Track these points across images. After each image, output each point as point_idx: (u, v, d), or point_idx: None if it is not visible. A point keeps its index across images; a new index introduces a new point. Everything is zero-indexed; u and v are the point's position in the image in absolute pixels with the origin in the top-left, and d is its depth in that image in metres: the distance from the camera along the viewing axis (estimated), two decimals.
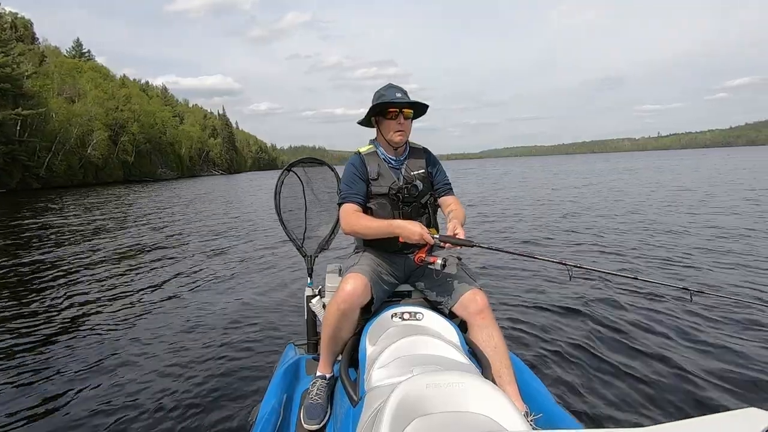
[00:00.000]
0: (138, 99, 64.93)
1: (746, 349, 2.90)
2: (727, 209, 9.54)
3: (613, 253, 5.94)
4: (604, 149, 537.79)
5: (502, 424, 0.97)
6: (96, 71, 62.69)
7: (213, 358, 3.11)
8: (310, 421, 1.61)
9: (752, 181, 16.56)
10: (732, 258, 5.34)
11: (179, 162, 74.42)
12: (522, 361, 1.82)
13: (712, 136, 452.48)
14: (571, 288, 4.22)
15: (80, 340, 3.61)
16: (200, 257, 6.95)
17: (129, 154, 56.30)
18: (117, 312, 4.32)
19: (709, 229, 7.30)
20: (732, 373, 2.62)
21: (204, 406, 2.51)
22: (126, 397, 2.65)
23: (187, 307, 4.40)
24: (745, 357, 2.79)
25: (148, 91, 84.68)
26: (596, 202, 12.44)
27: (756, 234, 6.75)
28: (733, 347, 2.93)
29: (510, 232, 8.26)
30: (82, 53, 70.37)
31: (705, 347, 2.96)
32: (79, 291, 5.16)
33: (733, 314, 3.45)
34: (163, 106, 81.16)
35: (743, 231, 7.01)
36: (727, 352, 2.88)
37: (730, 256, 5.45)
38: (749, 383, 2.52)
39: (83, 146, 47.59)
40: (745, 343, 2.98)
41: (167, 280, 5.52)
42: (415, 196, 1.84)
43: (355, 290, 1.61)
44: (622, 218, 9.10)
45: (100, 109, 51.56)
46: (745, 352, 2.86)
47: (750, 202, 10.54)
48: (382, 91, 1.85)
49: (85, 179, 46.65)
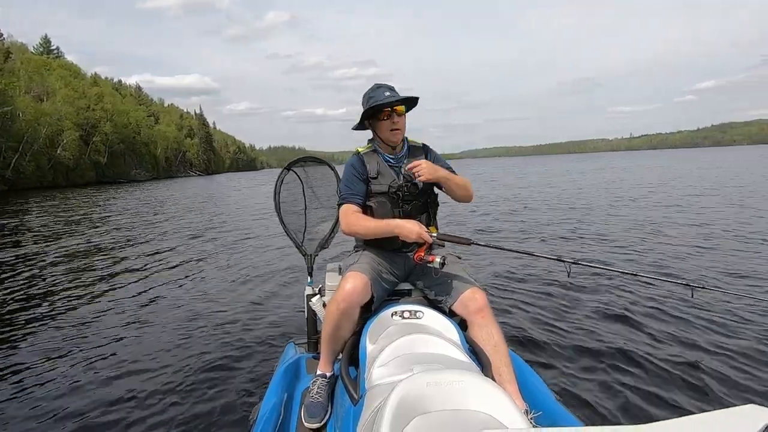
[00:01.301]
0: (111, 98, 63.03)
1: (747, 345, 2.90)
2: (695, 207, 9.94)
3: (605, 249, 6.09)
4: (580, 149, 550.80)
5: (503, 422, 0.98)
6: (66, 69, 60.57)
7: (213, 358, 3.10)
8: (311, 420, 1.61)
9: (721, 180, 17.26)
10: (717, 250, 5.57)
11: (154, 163, 72.56)
12: (522, 359, 1.84)
13: (681, 137, 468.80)
14: (569, 285, 4.24)
15: (79, 338, 3.59)
16: (199, 257, 6.88)
17: (101, 155, 54.61)
18: (116, 311, 4.29)
19: (702, 227, 7.54)
20: (733, 370, 2.62)
21: (204, 405, 2.50)
22: (126, 395, 2.63)
23: (186, 306, 4.36)
24: (746, 354, 2.79)
25: (121, 90, 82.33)
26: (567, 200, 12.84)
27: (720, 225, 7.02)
28: (734, 343, 2.93)
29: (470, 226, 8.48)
30: (51, 50, 67.93)
31: (706, 344, 2.95)
32: (78, 292, 5.07)
33: (735, 310, 3.46)
34: (137, 106, 79.00)
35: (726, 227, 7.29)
36: (728, 348, 2.87)
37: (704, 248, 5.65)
38: (750, 380, 2.52)
39: (53, 146, 45.90)
40: (746, 340, 2.98)
41: (167, 281, 5.46)
42: (415, 195, 1.84)
43: (355, 289, 1.61)
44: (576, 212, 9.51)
45: (71, 108, 49.81)
46: (746, 348, 2.86)
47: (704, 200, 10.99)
48: (370, 93, 1.84)
49: (55, 181, 44.99)
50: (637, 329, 3.26)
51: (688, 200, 11.39)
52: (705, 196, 12.05)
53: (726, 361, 2.73)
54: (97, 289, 5.20)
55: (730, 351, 2.85)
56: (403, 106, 1.85)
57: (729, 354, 2.81)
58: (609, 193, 14.69)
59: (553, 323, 3.44)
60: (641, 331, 3.21)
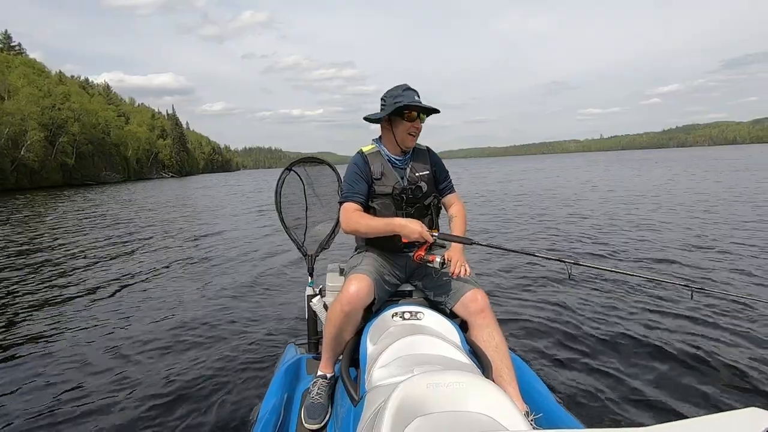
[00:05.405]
0: (78, 97, 60.78)
1: (748, 347, 2.89)
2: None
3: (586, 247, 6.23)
4: (552, 150, 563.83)
5: (503, 424, 0.98)
6: (29, 66, 58.03)
7: (213, 358, 3.07)
8: (311, 421, 1.60)
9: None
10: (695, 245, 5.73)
11: (125, 164, 70.37)
12: (523, 361, 1.85)
13: (648, 138, 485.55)
14: (570, 286, 4.25)
15: (78, 339, 3.58)
16: (198, 258, 6.79)
17: (69, 156, 52.56)
18: (115, 312, 4.26)
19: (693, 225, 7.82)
20: (734, 372, 2.60)
21: (204, 405, 2.48)
22: (125, 396, 2.61)
23: (186, 307, 4.32)
24: (747, 355, 2.78)
25: (88, 89, 79.47)
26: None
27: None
28: (734, 345, 2.92)
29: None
30: (12, 46, 64.97)
31: (706, 345, 2.93)
32: (74, 294, 4.98)
33: (735, 311, 3.44)
34: (107, 105, 76.43)
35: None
36: (729, 350, 2.85)
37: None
38: (751, 382, 2.50)
39: (16, 147, 43.91)
40: (747, 341, 2.97)
41: (166, 281, 5.39)
42: (418, 197, 1.84)
43: (358, 292, 1.59)
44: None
45: (35, 107, 47.71)
46: (747, 350, 2.85)
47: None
48: (398, 92, 1.82)
49: (18, 183, 43.08)
50: (639, 330, 3.24)
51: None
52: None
53: (728, 363, 2.70)
54: (96, 291, 5.09)
55: (732, 353, 2.82)
56: (426, 115, 1.86)
57: (731, 355, 2.79)
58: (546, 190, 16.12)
59: (554, 324, 3.44)
60: (642, 334, 3.19)
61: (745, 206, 9.45)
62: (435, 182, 1.95)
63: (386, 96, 1.85)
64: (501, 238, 7.60)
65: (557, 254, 1.98)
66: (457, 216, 1.95)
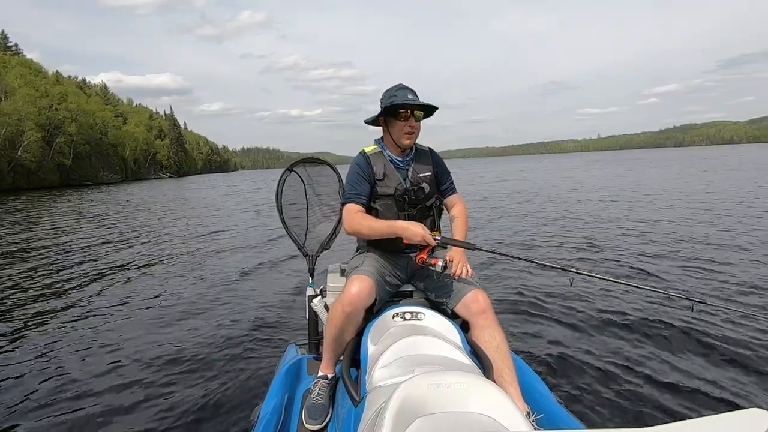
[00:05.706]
0: (75, 97, 60.56)
1: (749, 351, 2.91)
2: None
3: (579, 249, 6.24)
4: (550, 150, 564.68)
5: (504, 425, 0.97)
6: (26, 67, 57.82)
7: (214, 359, 3.07)
8: (312, 422, 1.59)
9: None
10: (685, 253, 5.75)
11: (123, 165, 70.14)
12: (524, 362, 1.84)
13: (646, 138, 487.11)
14: (572, 291, 4.26)
15: (78, 339, 3.58)
16: (198, 258, 6.80)
17: (66, 157, 52.33)
18: (115, 312, 4.26)
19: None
20: (734, 374, 2.63)
21: (205, 406, 2.48)
22: (127, 397, 2.62)
23: (187, 307, 4.32)
24: (748, 358, 2.81)
25: (85, 89, 79.21)
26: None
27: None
28: (735, 350, 2.93)
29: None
30: (8, 47, 64.75)
31: (706, 350, 2.96)
32: (75, 295, 4.99)
33: (736, 320, 3.43)
34: (104, 106, 76.19)
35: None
36: (729, 354, 2.88)
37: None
38: (751, 384, 2.52)
39: (13, 148, 43.74)
40: (747, 346, 2.98)
41: (166, 282, 5.38)
42: (421, 199, 1.83)
43: (360, 293, 1.59)
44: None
45: (32, 107, 47.52)
46: (748, 354, 2.87)
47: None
48: (393, 92, 1.82)
49: (15, 184, 42.90)
50: (640, 335, 3.25)
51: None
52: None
53: (729, 366, 2.74)
54: (96, 293, 5.09)
55: (733, 356, 2.85)
56: (422, 113, 1.84)
57: (732, 359, 2.82)
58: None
59: (556, 327, 3.45)
60: (642, 336, 3.21)
61: (745, 207, 9.46)
62: (437, 183, 1.94)
63: (382, 96, 1.85)
64: (497, 234, 7.67)
65: (559, 262, 1.98)
66: (459, 217, 1.94)
